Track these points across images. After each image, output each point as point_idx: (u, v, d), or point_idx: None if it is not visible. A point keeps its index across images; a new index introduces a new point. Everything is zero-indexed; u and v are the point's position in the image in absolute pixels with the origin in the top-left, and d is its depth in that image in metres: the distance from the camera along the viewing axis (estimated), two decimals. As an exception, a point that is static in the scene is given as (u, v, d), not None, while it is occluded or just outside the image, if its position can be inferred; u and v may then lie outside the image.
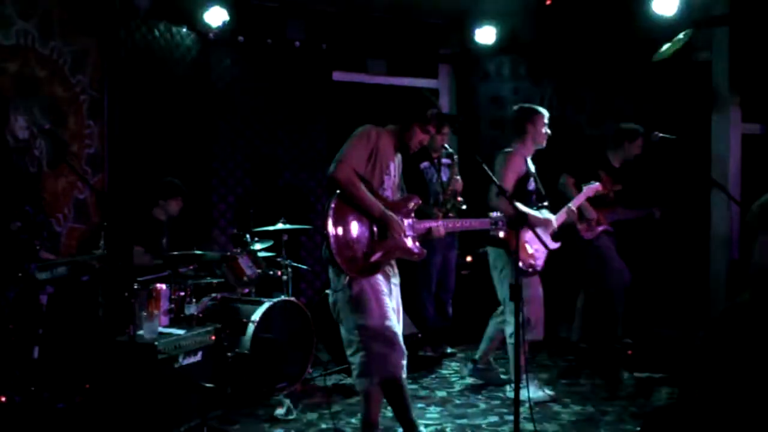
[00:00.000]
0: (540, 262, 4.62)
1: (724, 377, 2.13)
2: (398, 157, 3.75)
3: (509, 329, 4.63)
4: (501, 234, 3.94)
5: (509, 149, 4.68)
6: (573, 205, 4.84)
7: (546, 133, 4.68)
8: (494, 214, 3.91)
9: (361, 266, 3.47)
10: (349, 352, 3.54)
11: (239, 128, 6.45)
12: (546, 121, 4.68)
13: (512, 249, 4.34)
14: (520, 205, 4.42)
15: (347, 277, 3.46)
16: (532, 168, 4.73)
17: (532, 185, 4.68)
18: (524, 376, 4.62)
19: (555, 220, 4.69)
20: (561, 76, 6.81)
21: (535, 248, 4.57)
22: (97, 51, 5.49)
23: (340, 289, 3.51)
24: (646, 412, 4.42)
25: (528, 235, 4.47)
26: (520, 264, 4.27)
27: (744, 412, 2.06)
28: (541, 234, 4.50)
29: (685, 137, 4.76)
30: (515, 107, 4.81)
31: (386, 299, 3.55)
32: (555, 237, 4.69)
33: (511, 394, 4.75)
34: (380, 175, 3.58)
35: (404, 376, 3.52)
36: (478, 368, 5.04)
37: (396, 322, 3.56)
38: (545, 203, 4.78)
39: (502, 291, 4.69)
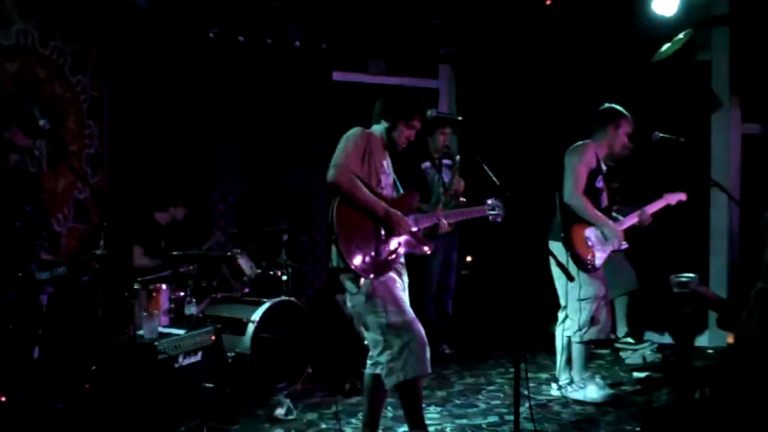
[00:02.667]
0: (599, 262, 4.53)
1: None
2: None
3: (573, 327, 4.58)
4: (498, 219, 3.91)
5: (583, 142, 4.62)
6: (650, 209, 4.71)
7: (625, 144, 4.61)
8: (490, 201, 3.91)
9: (373, 267, 3.47)
10: (375, 352, 3.55)
11: (239, 128, 6.44)
12: (629, 130, 4.59)
13: (570, 245, 4.44)
14: (590, 208, 4.48)
15: (362, 280, 3.46)
16: (603, 168, 4.67)
17: (600, 183, 4.62)
18: (586, 375, 4.64)
19: (620, 224, 4.64)
20: (561, 76, 6.81)
21: (596, 246, 4.53)
22: (97, 51, 5.49)
23: (356, 293, 3.51)
24: (646, 412, 4.43)
25: (589, 230, 4.52)
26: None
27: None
28: (600, 238, 4.53)
29: (685, 137, 4.76)
30: (605, 105, 4.69)
31: (402, 295, 3.58)
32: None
33: (556, 392, 4.73)
34: (376, 174, 3.60)
35: (429, 371, 3.52)
36: (574, 384, 4.71)
37: (415, 315, 3.56)
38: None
39: (562, 289, 4.63)
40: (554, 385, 4.84)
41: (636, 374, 5.29)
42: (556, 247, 4.49)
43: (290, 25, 6.47)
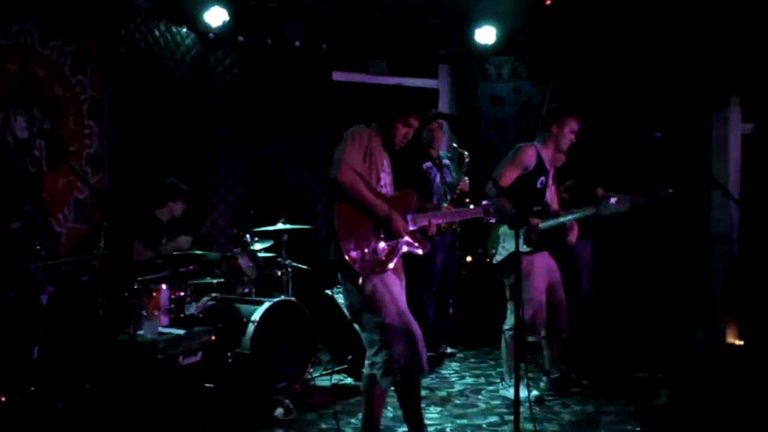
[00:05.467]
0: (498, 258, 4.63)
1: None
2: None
3: (506, 326, 4.71)
4: (492, 221, 3.97)
5: (526, 143, 4.69)
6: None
7: (570, 140, 4.65)
8: (485, 202, 3.94)
9: (372, 265, 3.48)
10: (371, 351, 3.55)
11: (239, 128, 6.44)
12: (575, 128, 4.64)
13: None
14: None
15: (360, 278, 3.47)
16: (548, 168, 4.68)
17: (540, 184, 4.63)
18: (513, 376, 4.63)
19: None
20: (561, 77, 6.80)
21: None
22: (97, 51, 5.49)
23: (354, 291, 3.51)
24: (646, 412, 4.42)
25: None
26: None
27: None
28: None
29: (685, 137, 4.75)
30: (552, 105, 4.72)
31: (401, 295, 3.58)
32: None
33: (504, 392, 4.78)
34: (376, 172, 3.62)
35: (426, 370, 3.53)
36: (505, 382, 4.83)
37: (412, 315, 3.56)
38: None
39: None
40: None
41: (636, 374, 5.28)
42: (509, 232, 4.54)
43: (290, 25, 6.48)
